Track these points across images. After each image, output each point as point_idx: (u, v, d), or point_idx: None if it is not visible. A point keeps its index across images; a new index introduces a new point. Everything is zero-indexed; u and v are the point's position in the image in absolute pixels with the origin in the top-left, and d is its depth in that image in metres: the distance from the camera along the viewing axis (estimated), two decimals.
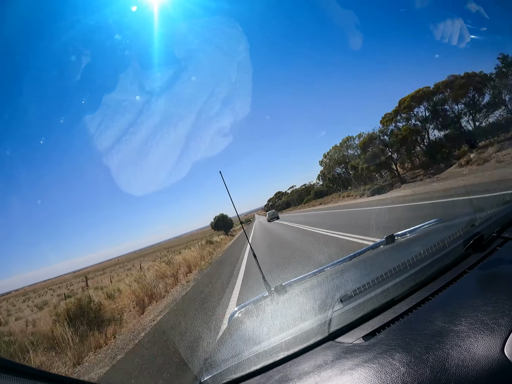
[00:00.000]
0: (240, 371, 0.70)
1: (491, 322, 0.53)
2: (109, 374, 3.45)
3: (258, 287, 4.68)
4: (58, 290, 37.01)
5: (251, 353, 0.73)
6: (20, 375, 0.53)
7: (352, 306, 0.75)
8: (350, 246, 5.30)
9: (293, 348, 0.69)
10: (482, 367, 0.46)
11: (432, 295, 0.71)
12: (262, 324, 1.01)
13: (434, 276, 0.78)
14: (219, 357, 0.86)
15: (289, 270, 5.02)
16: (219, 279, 7.05)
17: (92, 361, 4.17)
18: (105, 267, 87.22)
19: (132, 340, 4.46)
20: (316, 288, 1.22)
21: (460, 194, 8.00)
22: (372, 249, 1.55)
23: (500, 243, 0.84)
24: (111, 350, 4.33)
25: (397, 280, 0.78)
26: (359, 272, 1.25)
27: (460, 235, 0.93)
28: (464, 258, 0.82)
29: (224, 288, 5.76)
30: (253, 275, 5.94)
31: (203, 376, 0.75)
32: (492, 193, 6.12)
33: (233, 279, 6.32)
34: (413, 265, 0.84)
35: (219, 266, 9.96)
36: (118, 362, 3.76)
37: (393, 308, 0.72)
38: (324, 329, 0.70)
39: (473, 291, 0.69)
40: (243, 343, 0.89)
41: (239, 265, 8.23)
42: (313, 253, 5.80)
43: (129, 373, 3.20)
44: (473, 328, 0.53)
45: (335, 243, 6.19)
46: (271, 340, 0.75)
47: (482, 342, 0.50)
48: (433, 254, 0.87)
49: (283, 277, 3.68)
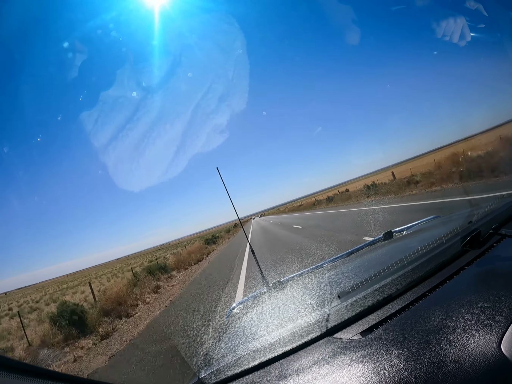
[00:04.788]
0: (238, 367, 0.70)
1: (488, 319, 0.53)
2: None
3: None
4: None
5: (250, 349, 0.73)
6: (25, 374, 0.53)
7: (350, 302, 0.75)
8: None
9: (291, 344, 0.69)
10: (479, 363, 0.46)
11: (430, 291, 0.72)
12: (260, 320, 1.01)
13: (431, 273, 0.78)
14: (218, 353, 0.86)
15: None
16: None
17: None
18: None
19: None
20: (314, 284, 1.22)
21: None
22: (369, 245, 1.56)
23: (497, 240, 0.85)
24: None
25: (395, 276, 0.79)
26: (356, 268, 1.26)
27: (457, 231, 0.93)
28: (461, 255, 0.83)
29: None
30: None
31: (202, 372, 0.75)
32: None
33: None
34: (411, 261, 0.84)
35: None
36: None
37: (390, 304, 0.72)
38: (322, 325, 0.71)
39: (470, 287, 0.69)
40: (241, 339, 0.89)
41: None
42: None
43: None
44: (470, 324, 0.54)
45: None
46: (269, 336, 0.75)
47: (479, 338, 0.50)
48: (431, 250, 0.87)
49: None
